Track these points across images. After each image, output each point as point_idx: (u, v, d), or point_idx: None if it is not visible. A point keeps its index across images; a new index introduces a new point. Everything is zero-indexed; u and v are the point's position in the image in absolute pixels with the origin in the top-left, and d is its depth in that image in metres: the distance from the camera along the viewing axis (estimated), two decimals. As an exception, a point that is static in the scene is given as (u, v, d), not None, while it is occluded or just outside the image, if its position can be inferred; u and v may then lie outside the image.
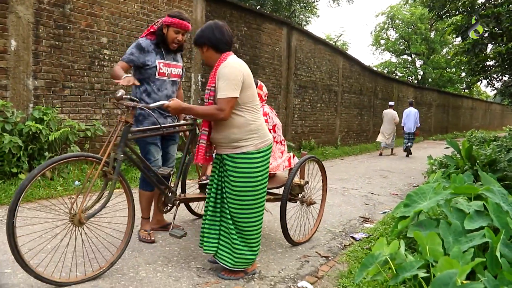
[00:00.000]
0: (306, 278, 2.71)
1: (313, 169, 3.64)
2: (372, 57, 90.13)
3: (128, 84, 2.68)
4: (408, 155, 11.61)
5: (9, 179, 4.47)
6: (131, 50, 3.04)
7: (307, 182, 3.51)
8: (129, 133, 2.61)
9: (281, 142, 3.60)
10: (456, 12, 7.67)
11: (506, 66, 7.92)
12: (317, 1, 18.62)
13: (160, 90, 3.11)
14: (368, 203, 5.22)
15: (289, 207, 3.32)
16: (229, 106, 2.43)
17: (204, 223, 2.68)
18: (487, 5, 7.25)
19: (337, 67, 12.23)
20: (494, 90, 10.70)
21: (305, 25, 18.25)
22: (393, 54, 29.09)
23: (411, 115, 11.60)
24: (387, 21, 27.66)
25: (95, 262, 2.65)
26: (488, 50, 8.30)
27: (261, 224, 2.66)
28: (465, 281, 1.90)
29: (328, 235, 3.74)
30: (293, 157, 3.48)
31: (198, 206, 4.11)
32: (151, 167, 2.88)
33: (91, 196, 2.51)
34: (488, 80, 9.78)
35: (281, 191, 3.20)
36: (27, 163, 4.59)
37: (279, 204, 3.18)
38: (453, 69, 25.15)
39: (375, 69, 19.08)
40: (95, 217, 2.45)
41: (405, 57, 28.73)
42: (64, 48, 5.22)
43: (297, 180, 3.43)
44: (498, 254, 2.14)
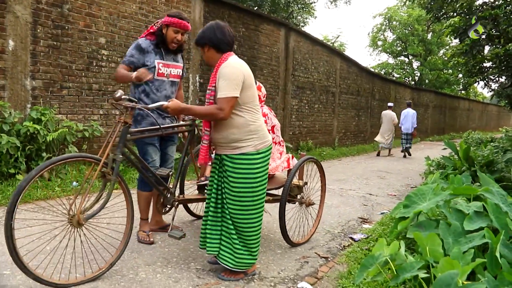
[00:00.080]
0: (306, 279, 2.71)
1: (311, 170, 3.64)
2: (369, 58, 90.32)
3: (147, 76, 2.84)
4: (406, 156, 11.66)
5: (6, 180, 4.45)
6: (131, 52, 3.03)
7: (306, 183, 3.52)
8: (128, 133, 2.60)
9: (279, 143, 3.59)
10: (454, 13, 7.70)
11: (503, 68, 7.97)
12: (314, 2, 18.65)
13: (159, 91, 3.10)
14: (366, 204, 5.22)
15: (288, 208, 3.32)
16: (229, 105, 2.42)
17: (205, 224, 2.67)
18: (484, 7, 7.28)
19: (334, 68, 12.25)
20: (491, 91, 10.77)
21: (302, 26, 18.27)
22: (390, 55, 29.17)
23: (409, 116, 11.67)
24: (384, 23, 27.71)
25: (95, 263, 2.64)
26: (486, 51, 8.35)
27: (260, 225, 2.65)
28: (465, 282, 1.91)
29: (327, 236, 3.74)
30: (292, 158, 3.48)
31: (197, 207, 4.10)
32: (149, 167, 2.87)
33: (89, 197, 2.49)
34: (485, 81, 9.84)
35: (280, 192, 3.19)
36: (24, 163, 4.57)
37: (278, 205, 3.18)
38: (450, 71, 25.27)
39: (372, 70, 19.10)
40: (94, 218, 2.44)
41: (402, 58, 28.81)
42: (62, 48, 5.21)
43: (296, 181, 3.43)
44: (498, 255, 2.15)
